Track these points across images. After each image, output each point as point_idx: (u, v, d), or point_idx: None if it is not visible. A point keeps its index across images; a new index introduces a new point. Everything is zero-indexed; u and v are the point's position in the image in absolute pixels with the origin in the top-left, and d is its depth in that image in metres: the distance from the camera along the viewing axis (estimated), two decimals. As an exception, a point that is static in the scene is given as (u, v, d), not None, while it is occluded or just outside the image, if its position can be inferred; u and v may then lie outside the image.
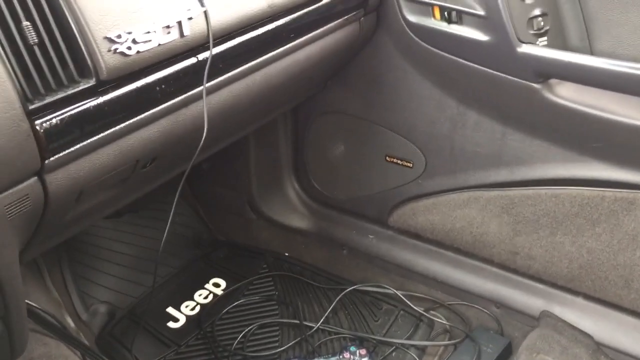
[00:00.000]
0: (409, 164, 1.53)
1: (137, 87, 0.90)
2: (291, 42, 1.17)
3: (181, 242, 1.79)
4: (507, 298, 1.49)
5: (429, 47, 1.34)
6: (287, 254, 1.76)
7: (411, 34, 1.36)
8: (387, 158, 1.56)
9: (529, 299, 1.46)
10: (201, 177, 1.82)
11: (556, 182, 1.31)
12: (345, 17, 1.31)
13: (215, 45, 1.00)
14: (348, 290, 1.58)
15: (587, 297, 1.40)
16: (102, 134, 0.87)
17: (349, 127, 1.60)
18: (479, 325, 1.47)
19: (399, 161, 1.54)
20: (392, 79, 1.46)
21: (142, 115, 0.92)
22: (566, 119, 1.22)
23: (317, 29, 1.23)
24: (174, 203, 1.07)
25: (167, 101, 0.95)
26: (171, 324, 1.53)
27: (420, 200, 1.54)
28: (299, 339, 1.47)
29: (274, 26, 1.12)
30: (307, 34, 1.21)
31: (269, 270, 1.69)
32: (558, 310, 1.42)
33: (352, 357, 1.34)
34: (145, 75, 0.91)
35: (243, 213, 1.82)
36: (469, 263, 1.54)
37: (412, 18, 1.34)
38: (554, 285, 1.43)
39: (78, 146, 0.84)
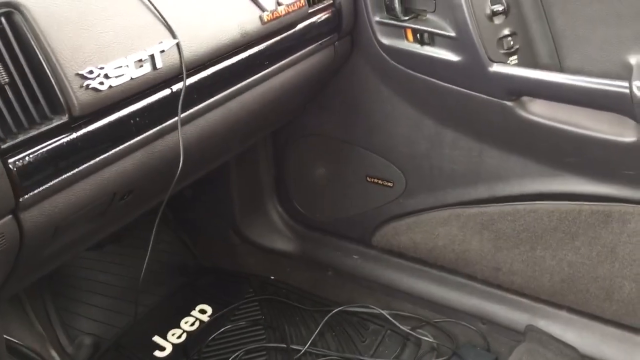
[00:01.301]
0: (389, 184, 1.54)
1: (111, 121, 0.91)
2: (265, 69, 1.18)
3: (166, 269, 1.78)
4: (493, 314, 1.50)
5: (404, 68, 1.36)
6: (272, 278, 1.76)
7: (386, 56, 1.37)
8: (368, 178, 1.57)
9: (514, 314, 1.47)
10: (184, 205, 1.82)
11: (534, 197, 1.33)
12: (320, 42, 1.33)
13: (189, 76, 1.01)
14: (334, 311, 1.58)
15: (571, 310, 1.40)
16: (76, 170, 0.87)
17: (328, 149, 1.61)
18: (466, 342, 1.48)
19: (379, 181, 1.55)
20: (370, 101, 1.48)
21: (117, 149, 0.93)
22: (540, 135, 1.24)
23: (291, 55, 1.25)
24: (153, 234, 1.07)
25: (142, 133, 0.96)
26: (157, 353, 1.52)
27: (402, 219, 1.55)
28: (286, 363, 1.47)
29: (247, 54, 1.13)
30: (281, 61, 1.22)
31: (254, 295, 1.69)
32: (543, 324, 1.43)
33: (339, 379, 1.34)
34: (119, 109, 0.92)
35: (227, 238, 1.82)
36: (453, 280, 1.55)
37: (385, 41, 1.36)
38: (537, 299, 1.44)
39: (52, 182, 0.84)
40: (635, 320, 1.31)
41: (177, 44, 0.98)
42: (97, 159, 0.90)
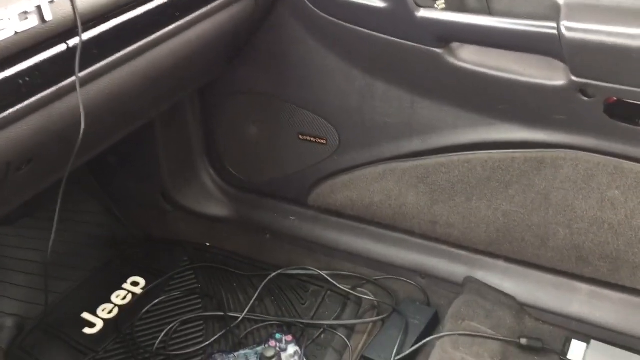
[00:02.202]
0: (322, 141, 1.48)
1: (-5, 82, 0.81)
2: (177, 21, 1.09)
3: (94, 242, 1.70)
4: (431, 267, 1.48)
5: (329, 17, 1.29)
6: (208, 244, 1.70)
7: (310, 5, 1.30)
8: (300, 136, 1.51)
9: (452, 267, 1.46)
10: (109, 171, 1.72)
11: (467, 147, 1.30)
12: (237, -10, 1.24)
13: (85, 30, 0.91)
14: (273, 275, 1.54)
15: (508, 259, 1.40)
16: (-43, 137, 0.78)
17: (258, 106, 1.54)
18: (406, 297, 1.46)
19: (312, 138, 1.50)
20: (297, 54, 1.41)
21: (6, 113, 0.83)
22: (471, 82, 1.20)
23: (206, 5, 1.15)
24: (57, 207, 0.99)
25: (34, 95, 0.87)
26: (87, 330, 1.45)
27: (337, 177, 1.51)
28: (223, 331, 1.42)
29: (154, 5, 1.04)
30: (194, 12, 1.12)
31: (189, 263, 1.62)
32: (481, 275, 1.42)
33: (277, 344, 1.30)
34: (4, 68, 0.82)
35: (158, 205, 1.74)
36: (391, 236, 1.52)
37: (309, -12, 1.28)
38: (475, 250, 1.43)
39: None
40: (571, 266, 1.31)
41: (69, -7, 0.88)
42: (-18, 125, 0.81)
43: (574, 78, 1.08)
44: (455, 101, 1.27)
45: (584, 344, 1.26)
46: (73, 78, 0.90)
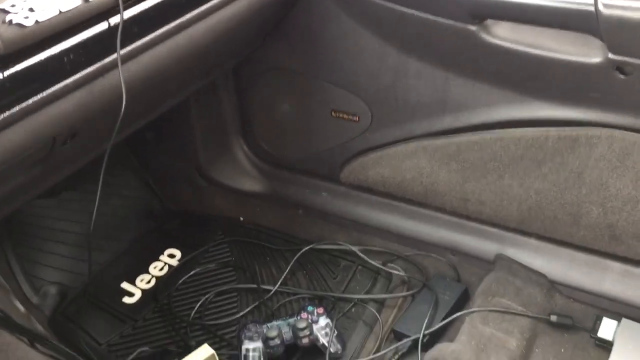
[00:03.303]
0: (355, 118, 1.49)
1: (42, 60, 0.85)
2: (214, -1, 1.11)
3: (132, 215, 1.75)
4: (462, 244, 1.49)
5: (364, -5, 1.29)
6: (241, 219, 1.73)
7: (344, -18, 1.30)
8: (333, 113, 1.52)
9: (483, 244, 1.47)
10: (147, 147, 1.76)
11: (500, 125, 1.29)
12: (273, -32, 1.25)
13: (126, 8, 0.94)
14: (305, 250, 1.56)
15: (539, 237, 1.40)
16: (7, 113, 0.82)
17: (292, 83, 1.56)
18: (436, 273, 1.47)
19: (345, 115, 1.51)
20: (331, 31, 1.41)
21: (52, 89, 0.87)
22: (505, 59, 1.20)
23: (243, -17, 1.17)
24: (100, 180, 1.02)
25: (78, 72, 0.90)
26: (126, 299, 1.50)
27: (369, 154, 1.52)
28: (256, 303, 1.46)
29: (193, -17, 1.06)
30: (232, -11, 1.14)
31: (224, 237, 1.66)
32: (512, 253, 1.43)
33: (309, 316, 1.33)
34: (49, 46, 0.85)
35: (193, 180, 1.78)
36: (422, 213, 1.53)
37: (344, -34, 1.28)
38: (506, 228, 1.43)
39: (-19, 128, 0.79)
40: (603, 245, 1.31)
41: (111, -28, 0.91)
42: (30, 100, 0.84)
43: (610, 55, 1.06)
44: (489, 78, 1.27)
45: (615, 322, 1.26)
46: (114, 55, 0.93)
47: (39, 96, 0.85)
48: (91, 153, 1.12)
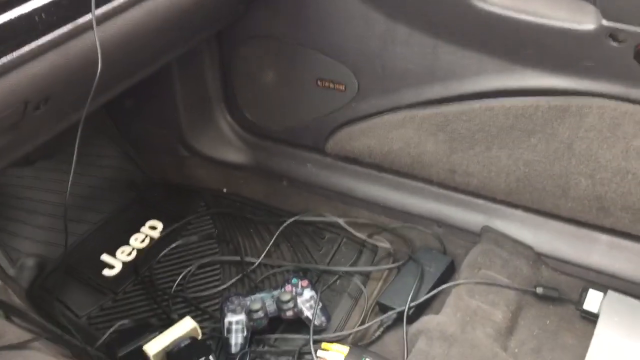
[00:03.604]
0: (341, 87, 1.46)
1: (12, 19, 0.80)
2: (194, -41, 1.06)
3: (113, 185, 1.71)
4: (449, 216, 1.48)
5: (351, -43, 1.25)
6: (225, 190, 1.70)
7: (331, -56, 1.26)
8: (319, 82, 1.49)
9: (470, 216, 1.45)
10: (127, 115, 1.71)
11: (489, 94, 1.27)
12: None
13: (101, -35, 0.89)
14: (289, 221, 1.54)
15: (527, 209, 1.39)
16: (-26, 74, 0.77)
17: (276, 52, 1.51)
18: (422, 245, 1.46)
19: (330, 85, 1.47)
20: (317, -3, 1.37)
21: (22, 50, 0.82)
22: (496, 26, 1.17)
23: (224, -57, 1.12)
24: (75, 150, 0.98)
25: (50, 32, 0.85)
26: (107, 272, 1.47)
27: (355, 124, 1.49)
28: (240, 275, 1.43)
29: (171, -59, 1.01)
30: (212, -51, 1.10)
31: (207, 208, 1.63)
32: (499, 225, 1.41)
33: (293, 289, 1.31)
34: (20, 3, 0.81)
35: (175, 151, 1.74)
36: (409, 184, 1.51)
37: None
38: (493, 200, 1.41)
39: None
40: (591, 217, 1.30)
41: None
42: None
43: (604, 22, 1.04)
44: (480, 46, 1.23)
45: (601, 294, 1.25)
46: (89, 16, 0.89)
47: (8, 57, 0.81)
48: (67, 120, 1.08)
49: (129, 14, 0.97)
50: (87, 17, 0.89)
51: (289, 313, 1.28)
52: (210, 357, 1.20)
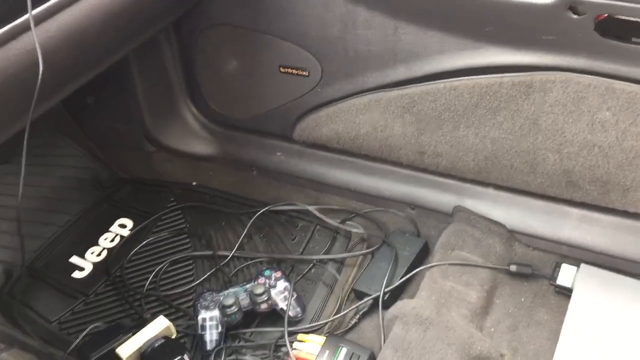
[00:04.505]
0: (304, 73, 1.43)
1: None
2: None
3: (79, 185, 1.67)
4: (420, 198, 1.46)
5: (304, -61, 1.21)
6: (194, 183, 1.67)
7: None
8: (282, 69, 1.46)
9: (442, 196, 1.44)
10: (89, 113, 1.67)
11: (453, 73, 1.25)
12: None
13: (36, -38, 0.85)
14: (261, 212, 1.52)
15: (497, 186, 1.38)
16: None
17: (236, 39, 1.48)
18: (396, 229, 1.45)
19: (294, 71, 1.44)
20: (273, -19, 1.34)
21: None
22: (456, 4, 1.15)
23: None
24: (23, 155, 0.95)
25: (-14, 35, 0.81)
26: (77, 274, 1.44)
27: (321, 109, 1.46)
28: (213, 270, 1.41)
29: None
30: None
31: (176, 203, 1.61)
32: (470, 204, 1.41)
33: (267, 281, 1.29)
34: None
35: (141, 146, 1.70)
36: (379, 168, 1.49)
37: None
38: (463, 179, 1.40)
39: None
40: (560, 191, 1.29)
41: None
42: None
43: (563, -6, 1.02)
44: (441, 25, 1.21)
45: (574, 268, 1.25)
46: (27, 15, 0.85)
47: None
48: (15, 124, 1.03)
49: (71, 10, 0.93)
50: (24, 17, 0.85)
51: (263, 306, 1.26)
52: (185, 355, 1.18)
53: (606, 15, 1.03)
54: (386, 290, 1.27)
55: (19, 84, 0.89)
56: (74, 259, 1.47)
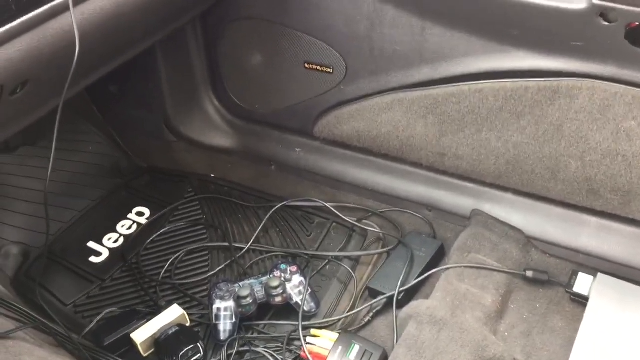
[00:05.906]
0: (329, 70, 1.44)
1: (-17, 0, 0.77)
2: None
3: (99, 172, 1.68)
4: (438, 200, 1.46)
5: (337, -64, 1.22)
6: (212, 175, 1.68)
7: None
8: (306, 65, 1.46)
9: (460, 199, 1.44)
10: (112, 100, 1.68)
11: (479, 76, 1.25)
12: None
13: (79, -56, 0.86)
14: (278, 206, 1.53)
15: (516, 192, 1.38)
16: (-55, 57, 0.75)
17: (263, 34, 1.49)
18: (412, 230, 1.45)
19: (318, 67, 1.45)
20: (303, -23, 1.35)
21: (-3, 32, 0.79)
22: (485, 6, 1.15)
23: None
24: (54, 135, 0.96)
25: (25, 14, 0.82)
26: (93, 259, 1.45)
27: (343, 107, 1.47)
28: (228, 261, 1.42)
29: None
30: None
31: (194, 194, 1.61)
32: (488, 208, 1.40)
33: (282, 274, 1.29)
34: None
35: (162, 135, 1.71)
36: (398, 168, 1.50)
37: None
38: (483, 183, 1.40)
39: None
40: (580, 199, 1.29)
41: None
42: (-28, 44, 0.77)
43: (594, 1, 1.02)
44: (468, 27, 1.21)
45: (591, 277, 1.25)
46: (66, -4, 0.86)
47: (-19, 40, 0.78)
48: (46, 105, 1.05)
49: (108, -6, 0.95)
50: (64, -2, 0.86)
51: (278, 299, 1.26)
52: (199, 344, 1.19)
53: (637, 23, 1.02)
54: (401, 289, 1.27)
55: (55, 63, 0.90)
56: (92, 244, 1.48)
